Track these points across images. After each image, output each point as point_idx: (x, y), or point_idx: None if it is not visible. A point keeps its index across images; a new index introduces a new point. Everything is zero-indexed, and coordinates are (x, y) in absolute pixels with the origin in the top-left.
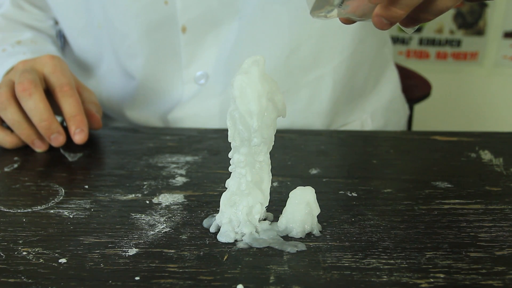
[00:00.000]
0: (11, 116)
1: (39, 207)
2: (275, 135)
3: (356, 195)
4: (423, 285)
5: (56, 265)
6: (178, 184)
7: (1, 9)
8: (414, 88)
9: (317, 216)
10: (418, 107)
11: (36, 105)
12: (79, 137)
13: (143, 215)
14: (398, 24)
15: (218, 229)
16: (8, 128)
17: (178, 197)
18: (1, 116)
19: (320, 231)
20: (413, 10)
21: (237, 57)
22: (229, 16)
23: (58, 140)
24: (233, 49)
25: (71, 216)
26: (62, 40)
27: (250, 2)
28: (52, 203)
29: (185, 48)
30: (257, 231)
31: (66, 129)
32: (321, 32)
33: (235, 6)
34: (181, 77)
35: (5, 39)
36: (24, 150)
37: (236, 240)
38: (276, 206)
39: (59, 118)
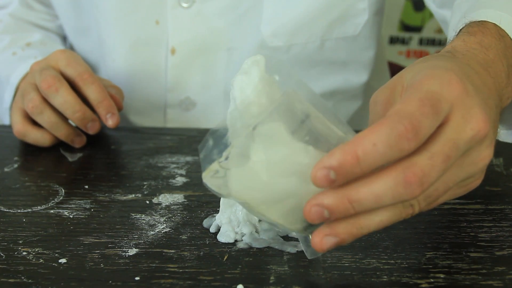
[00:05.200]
0: (48, 118)
1: (39, 207)
2: None
3: None
4: (423, 285)
5: (56, 265)
6: (178, 184)
7: (9, 8)
8: None
9: None
10: None
11: (65, 99)
12: (112, 121)
13: (143, 215)
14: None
15: (218, 229)
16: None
17: (178, 197)
18: (37, 120)
19: None
20: None
21: (223, 87)
22: (217, 46)
23: (94, 127)
24: (220, 79)
25: (71, 216)
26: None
27: (243, 40)
28: (52, 203)
29: (172, 70)
30: (257, 231)
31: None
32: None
33: (223, 37)
34: (165, 100)
35: (14, 41)
36: (24, 150)
37: (236, 240)
38: None
39: None
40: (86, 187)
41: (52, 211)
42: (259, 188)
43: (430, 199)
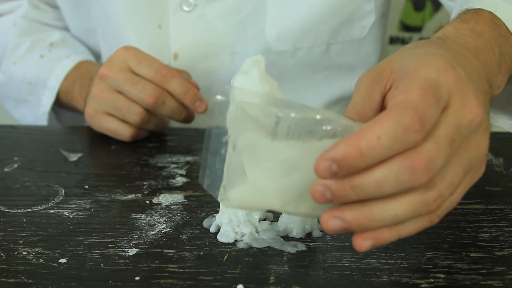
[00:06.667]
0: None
1: (39, 207)
2: None
3: None
4: (423, 285)
5: (56, 265)
6: (178, 184)
7: (20, 11)
8: None
9: None
10: None
11: (172, 107)
12: (201, 108)
13: (143, 215)
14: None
15: (218, 229)
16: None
17: (178, 197)
18: (158, 111)
19: (320, 231)
20: None
21: None
22: (220, 50)
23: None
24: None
25: (71, 216)
26: None
27: (247, 45)
28: (52, 203)
29: None
30: (257, 231)
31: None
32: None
33: (226, 41)
34: None
35: (36, 43)
36: (24, 150)
37: (236, 240)
38: None
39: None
40: (86, 187)
41: (52, 211)
42: (272, 195)
43: (449, 190)
